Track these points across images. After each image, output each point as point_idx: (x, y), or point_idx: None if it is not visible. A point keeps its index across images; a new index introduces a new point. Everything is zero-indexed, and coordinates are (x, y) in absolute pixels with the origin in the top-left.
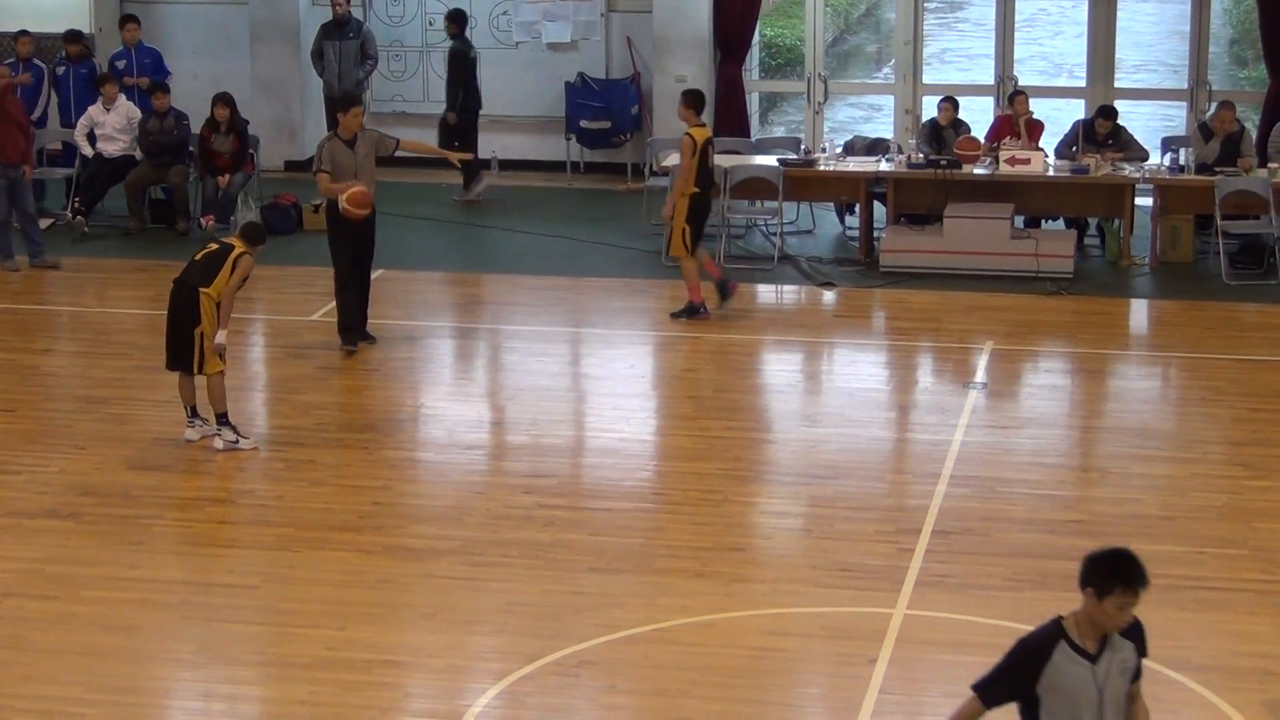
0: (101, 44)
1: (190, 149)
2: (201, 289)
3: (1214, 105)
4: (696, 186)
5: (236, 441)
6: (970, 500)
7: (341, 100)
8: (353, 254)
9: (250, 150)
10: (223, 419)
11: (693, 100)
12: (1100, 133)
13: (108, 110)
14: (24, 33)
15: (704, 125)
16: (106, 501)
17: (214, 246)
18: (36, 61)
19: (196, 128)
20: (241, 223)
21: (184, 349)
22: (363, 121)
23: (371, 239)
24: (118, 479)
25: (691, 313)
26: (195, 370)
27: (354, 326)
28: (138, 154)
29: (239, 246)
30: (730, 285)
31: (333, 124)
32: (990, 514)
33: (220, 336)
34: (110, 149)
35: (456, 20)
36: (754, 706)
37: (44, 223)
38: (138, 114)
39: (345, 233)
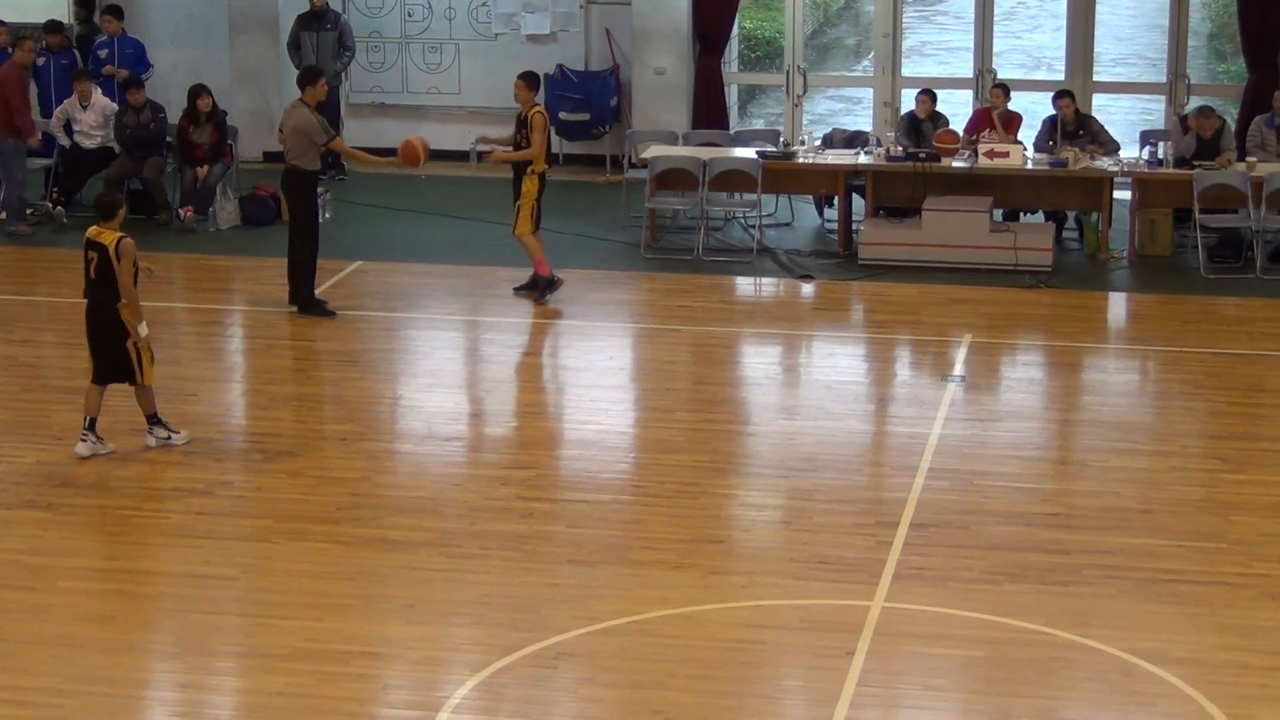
0: (81, 34)
1: (168, 140)
2: (118, 305)
3: (1191, 100)
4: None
5: (169, 438)
6: (948, 493)
7: (313, 72)
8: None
9: (229, 141)
10: (154, 419)
11: (534, 81)
12: (1066, 116)
13: (84, 107)
14: (1, 23)
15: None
16: (84, 492)
17: (92, 255)
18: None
19: (174, 118)
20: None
21: (124, 365)
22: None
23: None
24: (95, 470)
25: (550, 286)
26: (140, 381)
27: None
28: (116, 146)
29: (105, 234)
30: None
31: None
32: (968, 507)
33: (142, 329)
34: (87, 144)
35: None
36: (732, 698)
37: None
38: (114, 108)
39: (307, 200)
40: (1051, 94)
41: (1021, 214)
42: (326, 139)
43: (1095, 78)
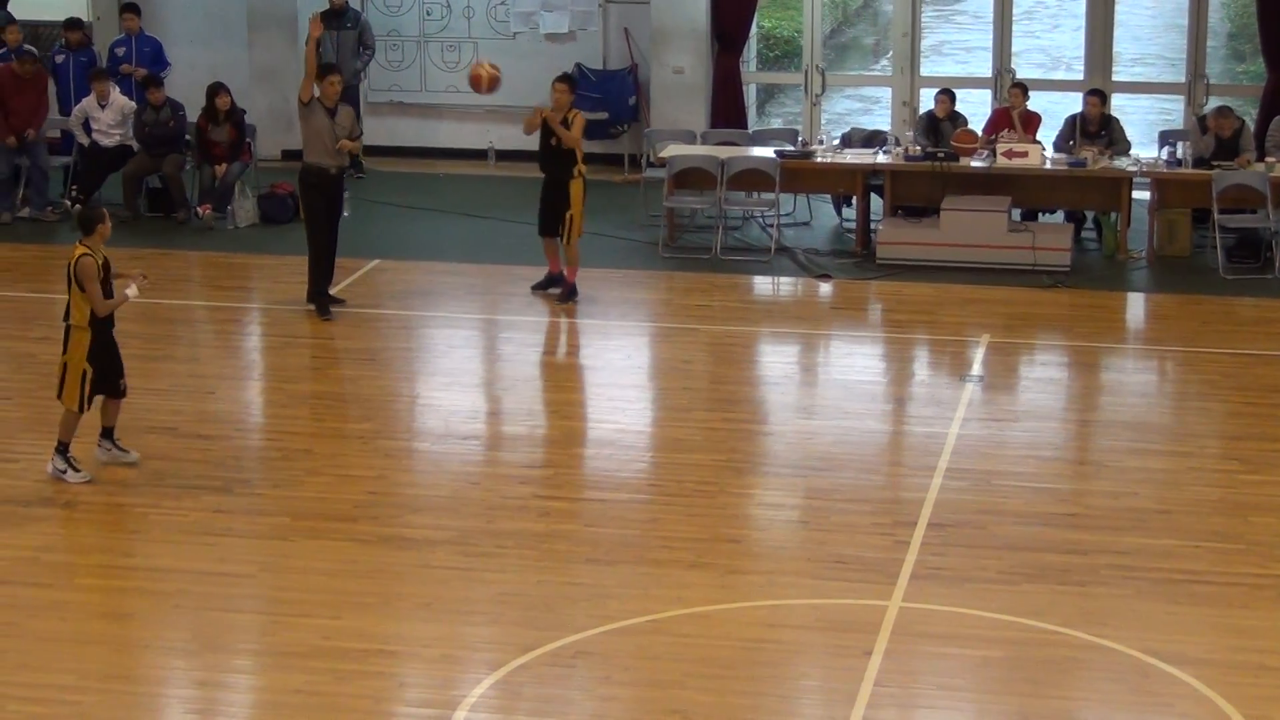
0: (100, 32)
1: (187, 138)
2: (71, 324)
3: (1210, 100)
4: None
5: (65, 472)
6: (966, 493)
7: (324, 68)
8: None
9: (247, 139)
10: (62, 447)
11: (575, 85)
12: (1092, 116)
13: (102, 107)
14: (12, 21)
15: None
16: (102, 489)
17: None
18: (27, 47)
19: (193, 117)
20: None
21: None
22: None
23: (339, 210)
24: (113, 467)
25: (573, 293)
26: (57, 395)
27: (324, 294)
28: (135, 145)
29: (77, 250)
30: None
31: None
32: (986, 507)
33: (130, 289)
34: (106, 142)
35: None
36: (749, 698)
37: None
38: (132, 107)
39: (320, 201)
40: (1075, 93)
41: (1040, 214)
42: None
43: (1114, 77)
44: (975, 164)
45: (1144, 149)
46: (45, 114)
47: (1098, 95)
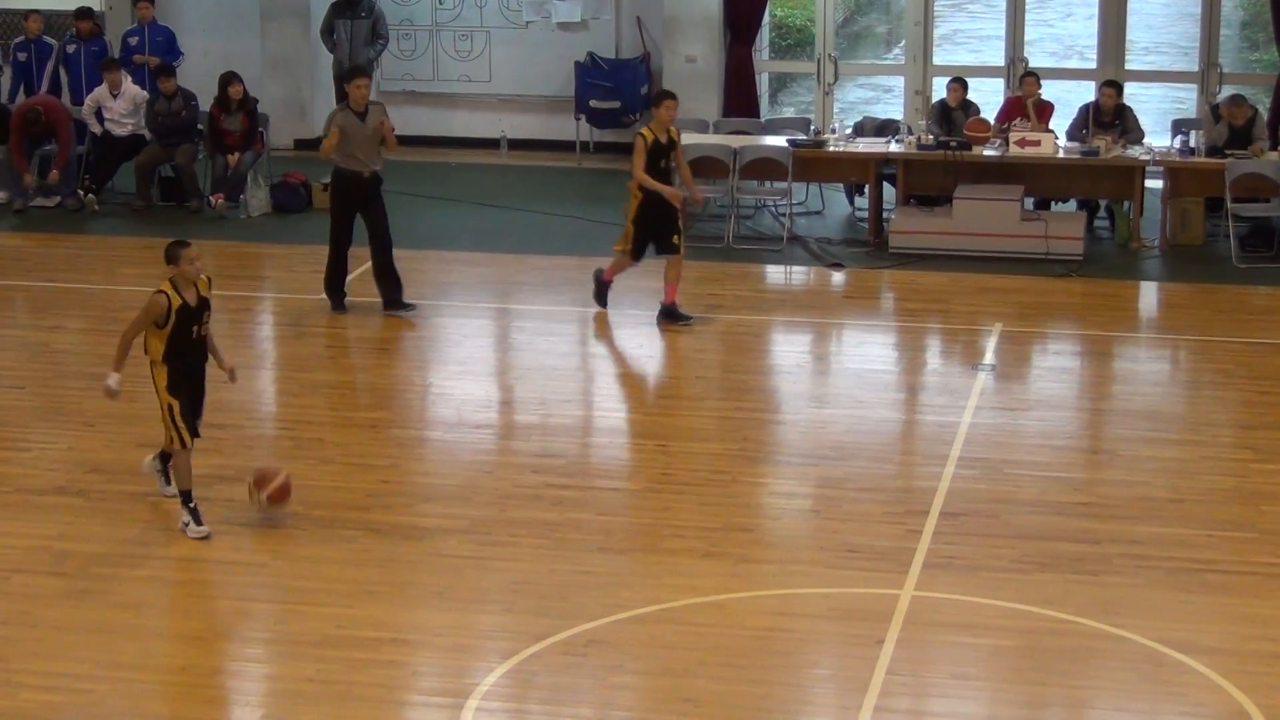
0: (112, 21)
1: (200, 128)
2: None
3: (1223, 89)
4: (640, 190)
5: (187, 525)
6: (978, 482)
7: (349, 72)
8: (369, 229)
9: (260, 129)
10: (185, 496)
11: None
12: (1106, 106)
13: (114, 96)
14: (34, 11)
15: (659, 126)
16: (116, 478)
17: None
18: (47, 39)
19: (206, 106)
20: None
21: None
22: (369, 95)
23: (381, 209)
24: (127, 456)
25: (603, 289)
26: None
27: (339, 289)
28: (147, 134)
29: (163, 283)
30: (679, 313)
31: (342, 99)
32: (998, 496)
33: (113, 379)
34: (118, 132)
35: None
36: (761, 687)
37: (51, 200)
38: (144, 96)
39: (349, 206)
40: (1088, 82)
41: (1053, 203)
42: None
43: (1127, 66)
44: (988, 153)
45: (1157, 138)
46: (67, 152)
47: (1113, 87)
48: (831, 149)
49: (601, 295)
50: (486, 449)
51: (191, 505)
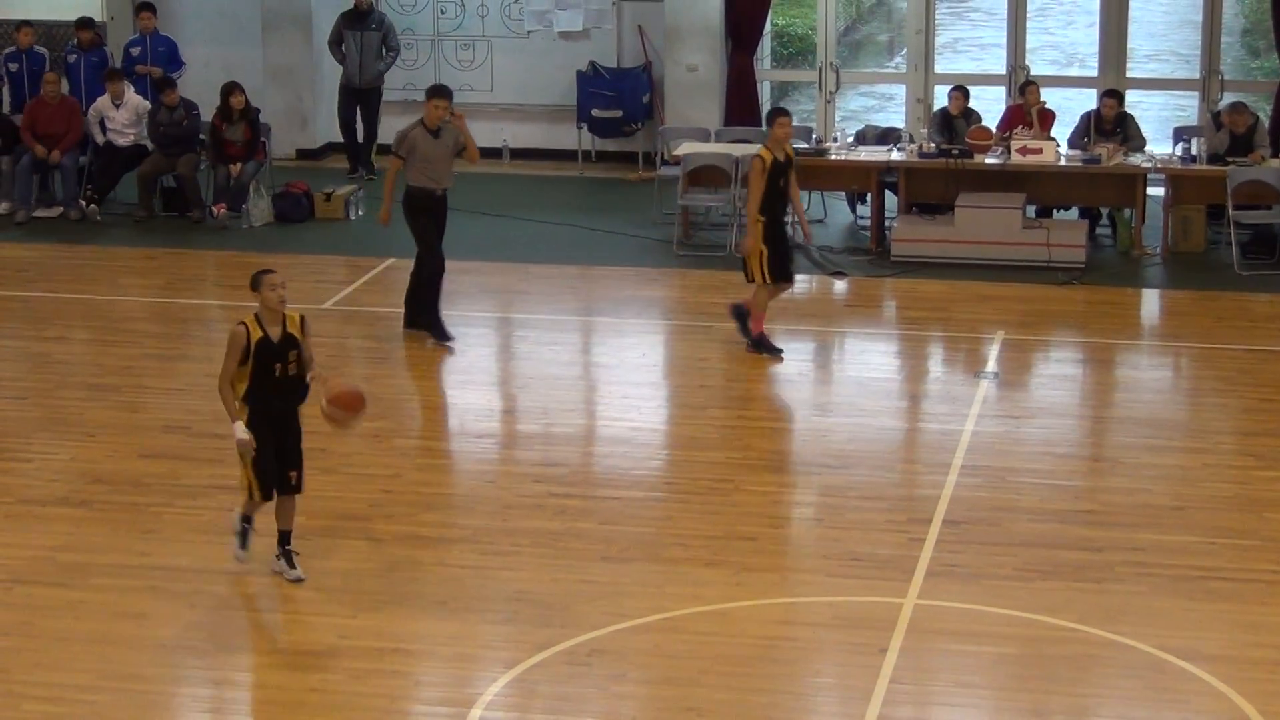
0: (114, 32)
1: (202, 137)
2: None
3: (1225, 96)
4: (762, 213)
5: (282, 573)
6: (981, 490)
7: (430, 91)
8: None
9: (262, 139)
10: (282, 538)
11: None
12: (1107, 116)
13: (116, 106)
14: (26, 23)
15: (776, 145)
16: (118, 489)
17: None
18: (38, 49)
19: (207, 116)
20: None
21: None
22: (445, 115)
23: (444, 223)
24: (129, 467)
25: (741, 317)
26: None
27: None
28: (149, 144)
29: (248, 315)
30: (755, 340)
31: (347, 113)
32: (1001, 504)
33: (238, 430)
34: (120, 142)
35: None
36: (765, 695)
37: (53, 211)
38: (146, 106)
39: (430, 223)
40: (1089, 90)
41: (1054, 210)
42: (391, 151)
43: (1128, 74)
44: (990, 161)
45: (1158, 145)
46: (75, 137)
47: (1114, 97)
48: (833, 157)
49: (762, 345)
50: (489, 458)
51: (288, 548)
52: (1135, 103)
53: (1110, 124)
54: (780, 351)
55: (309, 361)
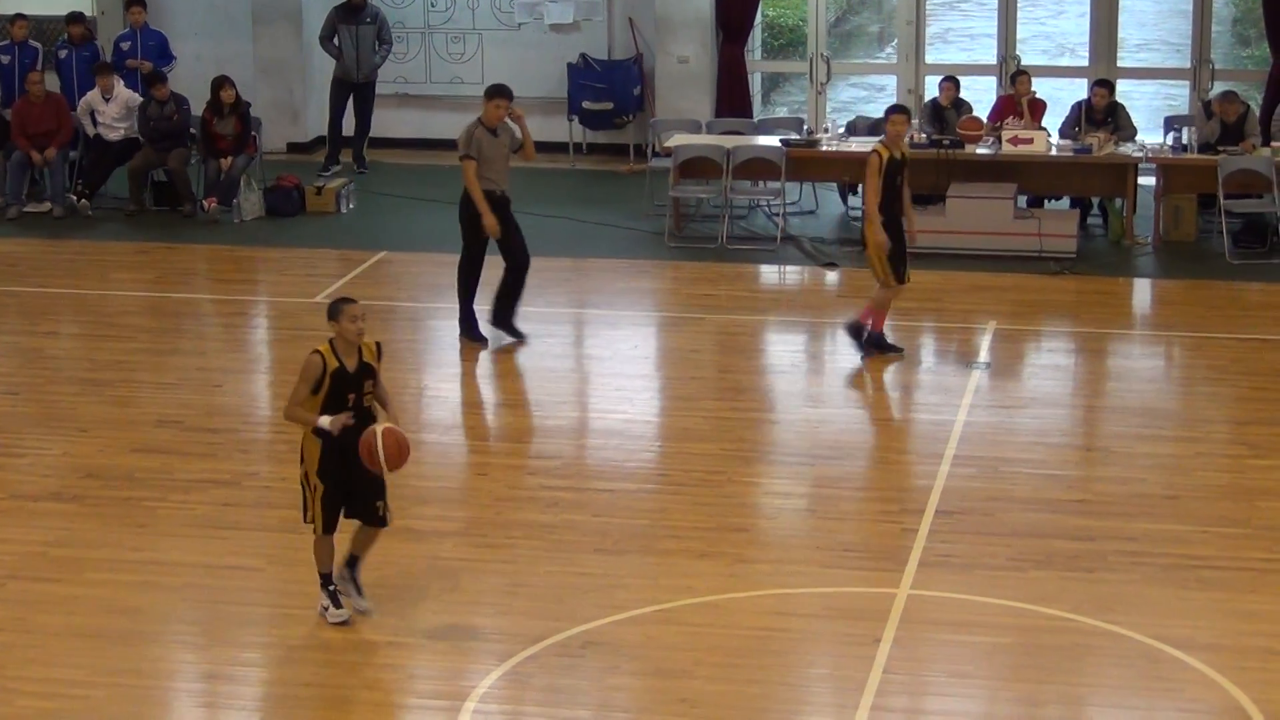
0: (104, 26)
1: (192, 132)
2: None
3: (1215, 85)
4: (880, 212)
5: (326, 609)
6: (974, 480)
7: (491, 90)
8: (504, 248)
9: (252, 132)
10: (322, 580)
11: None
12: (1098, 105)
13: (106, 100)
14: (20, 16)
15: (892, 142)
16: (110, 484)
17: None
18: (32, 43)
19: (198, 110)
20: None
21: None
22: (505, 115)
23: (516, 226)
24: (121, 461)
25: (858, 332)
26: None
27: (472, 318)
28: (140, 139)
29: (323, 344)
30: (870, 338)
31: (339, 106)
32: (994, 494)
33: (324, 422)
34: (111, 136)
35: None
36: (758, 687)
37: (44, 206)
38: (137, 100)
39: (478, 217)
40: (1080, 80)
41: (1046, 200)
42: (459, 154)
43: (1119, 63)
44: (981, 151)
45: (1149, 134)
46: (67, 136)
47: (1105, 86)
48: (824, 148)
49: (879, 344)
50: (482, 451)
51: (331, 589)
52: (1126, 92)
53: (1101, 114)
54: (901, 350)
55: (384, 392)
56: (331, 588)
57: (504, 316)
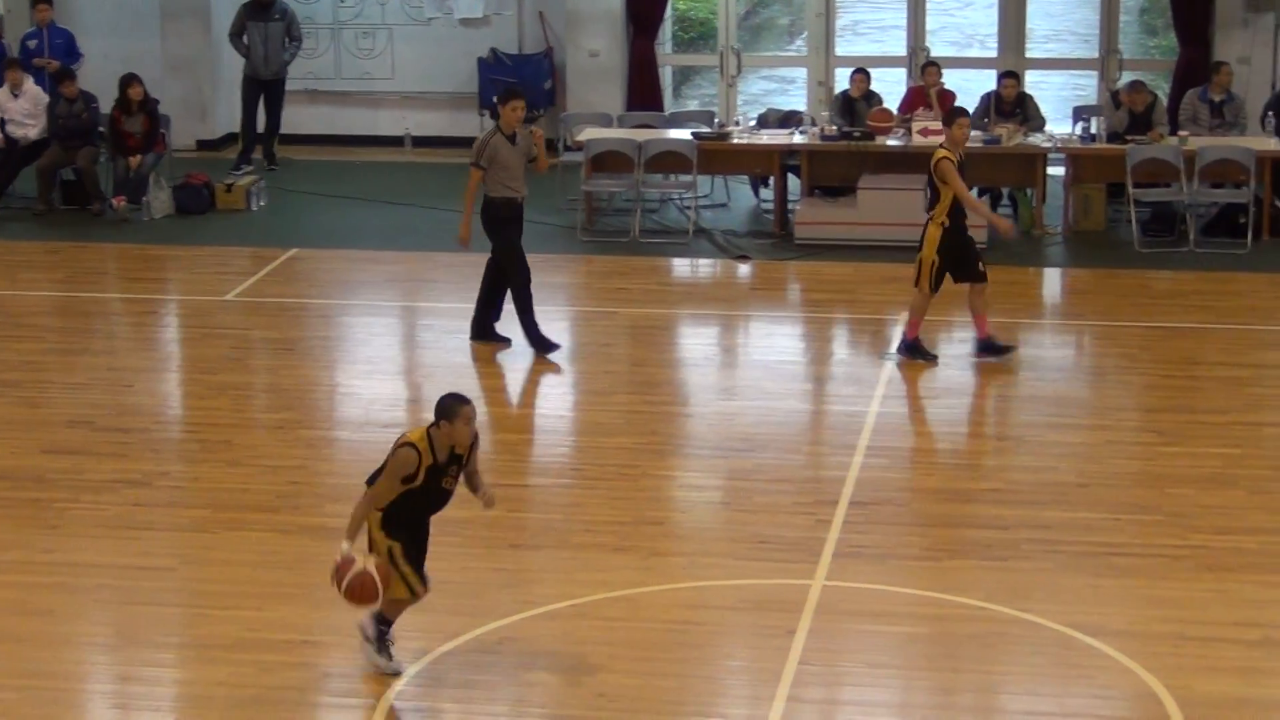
0: (10, 24)
1: (101, 130)
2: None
3: (1123, 75)
4: (947, 217)
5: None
6: (887, 471)
7: (506, 93)
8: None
9: (161, 130)
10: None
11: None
12: (1007, 96)
13: (15, 96)
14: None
15: (955, 146)
16: (20, 485)
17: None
18: None
19: (106, 108)
20: None
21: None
22: (522, 118)
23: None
24: (31, 462)
25: (912, 351)
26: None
27: (537, 328)
28: (48, 137)
29: (415, 433)
30: (998, 345)
31: (251, 103)
32: (907, 484)
33: (344, 547)
34: (19, 133)
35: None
36: (674, 680)
37: None
38: (45, 98)
39: (516, 232)
40: (989, 71)
41: None
42: (470, 161)
43: (1027, 54)
44: (891, 143)
45: (1058, 125)
46: None
47: (1013, 77)
48: (735, 141)
49: (917, 351)
50: None
51: (382, 632)
52: (1035, 83)
53: (1010, 104)
54: (935, 357)
55: (475, 475)
56: (389, 638)
57: (485, 325)
